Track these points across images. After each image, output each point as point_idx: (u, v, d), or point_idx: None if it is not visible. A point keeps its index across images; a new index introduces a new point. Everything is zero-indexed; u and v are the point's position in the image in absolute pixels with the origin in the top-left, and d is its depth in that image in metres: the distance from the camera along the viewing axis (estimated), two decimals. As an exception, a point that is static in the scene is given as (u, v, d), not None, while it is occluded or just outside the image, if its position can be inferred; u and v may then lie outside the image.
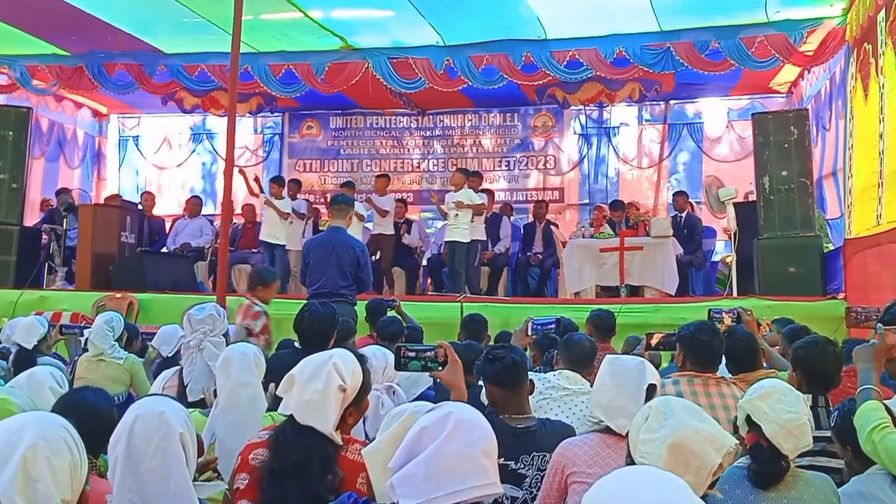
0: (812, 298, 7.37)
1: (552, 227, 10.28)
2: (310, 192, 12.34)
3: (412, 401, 2.92)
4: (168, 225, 11.07)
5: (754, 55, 8.68)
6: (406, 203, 10.70)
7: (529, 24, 8.86)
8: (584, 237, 9.15)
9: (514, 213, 11.21)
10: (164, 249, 10.44)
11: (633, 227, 9.25)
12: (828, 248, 8.19)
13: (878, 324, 3.01)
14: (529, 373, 2.98)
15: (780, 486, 2.39)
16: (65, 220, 9.55)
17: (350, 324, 5.28)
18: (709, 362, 3.41)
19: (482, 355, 2.98)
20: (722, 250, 10.58)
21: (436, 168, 12.64)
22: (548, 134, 12.42)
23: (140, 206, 10.59)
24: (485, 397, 2.95)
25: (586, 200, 12.20)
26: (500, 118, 12.54)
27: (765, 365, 3.84)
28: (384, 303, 6.22)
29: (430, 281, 10.09)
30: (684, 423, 1.85)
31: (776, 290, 7.59)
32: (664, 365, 4.93)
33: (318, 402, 2.19)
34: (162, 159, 13.49)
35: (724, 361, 3.62)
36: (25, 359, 4.66)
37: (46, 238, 9.84)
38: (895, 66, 6.25)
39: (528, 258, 9.92)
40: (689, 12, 8.52)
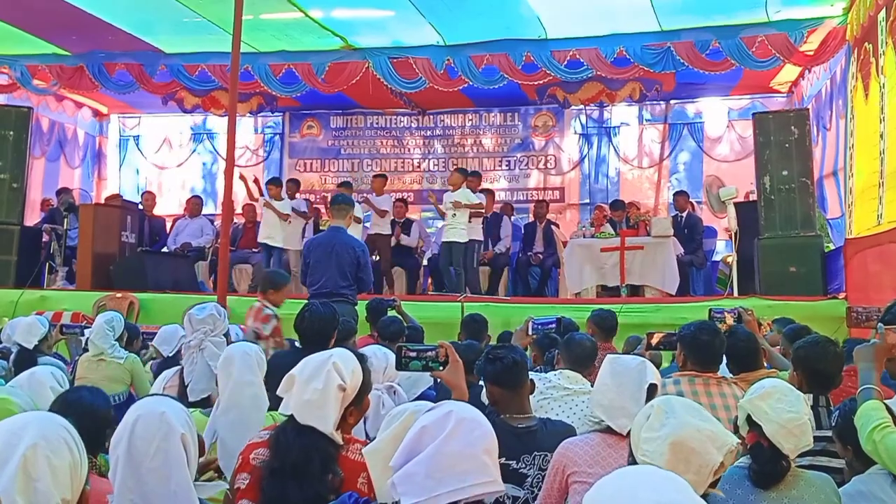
0: (813, 298, 7.37)
1: (553, 227, 10.28)
2: (310, 191, 12.35)
3: (413, 400, 2.92)
4: (169, 225, 11.08)
5: (755, 55, 8.67)
6: (406, 203, 10.69)
7: (530, 23, 8.86)
8: (584, 237, 9.15)
9: (515, 212, 11.21)
10: (165, 249, 10.44)
11: (633, 226, 9.24)
12: (828, 248, 8.19)
13: (879, 323, 3.01)
14: (530, 372, 2.99)
15: (781, 485, 2.39)
16: (65, 220, 9.55)
17: (351, 323, 5.29)
18: (709, 362, 3.41)
19: (483, 355, 2.98)
20: (723, 250, 10.58)
21: (436, 168, 12.64)
22: (548, 134, 12.42)
23: (141, 206, 10.60)
24: (485, 397, 2.95)
25: (587, 200, 12.20)
26: (500, 118, 12.53)
27: (766, 365, 3.84)
28: (385, 302, 6.22)
29: (430, 281, 10.08)
30: (686, 422, 1.85)
31: (777, 289, 7.60)
32: (665, 365, 4.93)
33: (317, 402, 2.19)
34: (162, 159, 13.49)
35: (724, 361, 3.62)
36: (26, 358, 4.67)
37: (47, 238, 9.85)
38: (895, 66, 6.25)
39: (528, 258, 9.92)
40: (689, 12, 8.51)
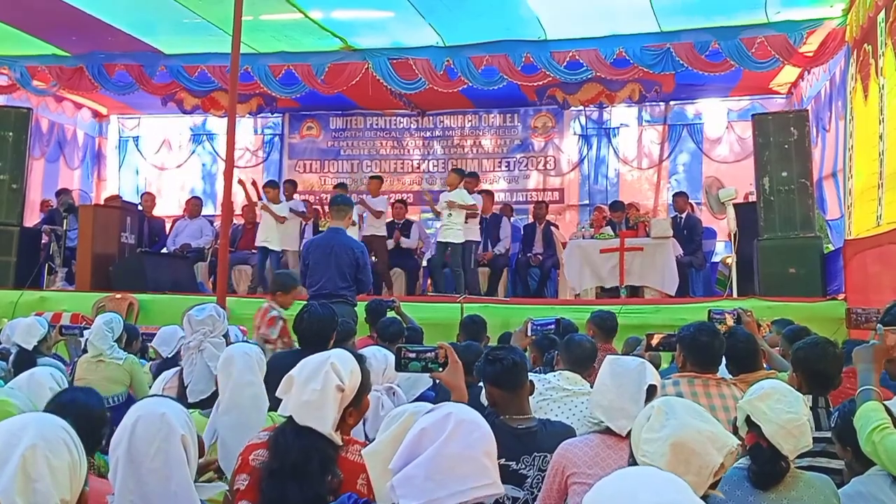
0: (812, 299, 7.37)
1: (552, 228, 10.28)
2: (310, 192, 12.35)
3: (412, 401, 2.92)
4: (168, 226, 11.08)
5: (754, 56, 8.68)
6: (406, 204, 10.68)
7: (529, 24, 8.86)
8: (584, 238, 9.16)
9: (514, 213, 11.20)
10: (164, 250, 10.44)
11: (633, 227, 9.24)
12: (828, 249, 8.18)
13: (878, 325, 3.01)
14: (529, 374, 2.98)
15: (781, 486, 2.39)
16: (65, 221, 9.55)
17: (350, 324, 5.28)
18: (709, 363, 3.41)
19: (482, 356, 2.98)
20: (722, 251, 10.58)
21: (436, 169, 12.63)
22: (548, 135, 12.42)
23: (140, 207, 10.60)
24: (485, 398, 2.95)
25: (586, 201, 12.20)
26: (499, 119, 12.53)
27: (765, 366, 3.84)
28: (384, 303, 6.22)
29: (429, 282, 10.08)
30: (686, 423, 1.85)
31: (776, 290, 7.59)
32: (664, 366, 4.94)
33: (316, 403, 2.18)
34: (162, 160, 13.48)
35: (724, 362, 3.62)
36: (25, 359, 4.66)
37: (46, 239, 9.84)
38: (895, 67, 6.25)
39: (528, 259, 9.92)
40: (689, 13, 8.52)
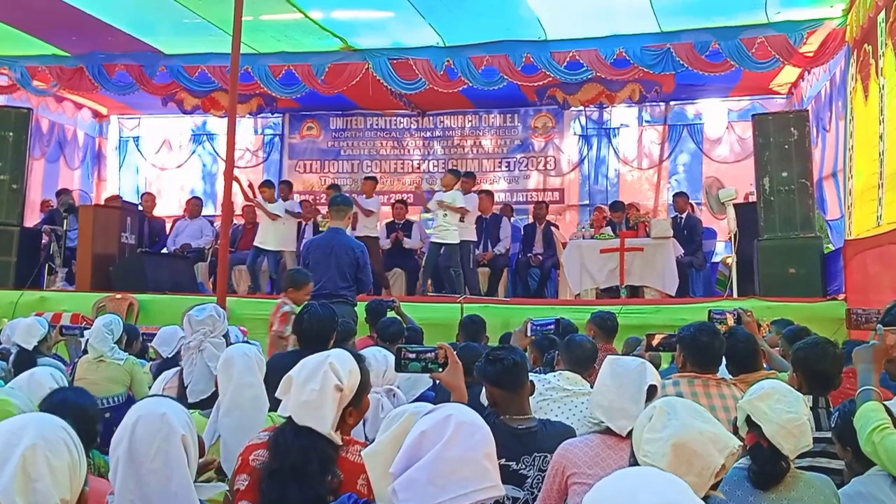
0: (812, 299, 7.37)
1: (552, 228, 10.28)
2: (310, 192, 12.35)
3: (412, 402, 2.92)
4: (168, 226, 11.08)
5: (754, 56, 8.67)
6: (406, 204, 10.67)
7: (530, 24, 8.86)
8: (584, 238, 9.16)
9: (515, 213, 11.20)
10: (165, 250, 10.44)
11: (633, 227, 9.24)
12: (828, 249, 8.18)
13: (879, 325, 3.01)
14: (529, 374, 2.98)
15: (781, 487, 2.39)
16: (65, 221, 9.55)
17: (350, 325, 5.29)
18: (709, 363, 3.41)
19: (483, 356, 2.98)
20: (722, 251, 10.57)
21: (436, 169, 12.61)
22: (548, 135, 12.42)
23: (140, 207, 10.60)
24: (485, 398, 2.95)
25: (586, 201, 12.20)
26: (500, 119, 12.53)
27: (765, 366, 3.84)
28: (384, 304, 6.22)
29: (429, 282, 10.07)
30: (688, 424, 1.85)
31: (776, 291, 7.59)
32: (664, 366, 4.94)
33: (315, 403, 2.18)
34: (162, 160, 13.48)
35: (724, 362, 3.62)
36: (26, 360, 4.66)
37: (47, 239, 9.85)
38: (895, 68, 6.25)
39: (528, 259, 9.92)
40: (689, 13, 8.51)
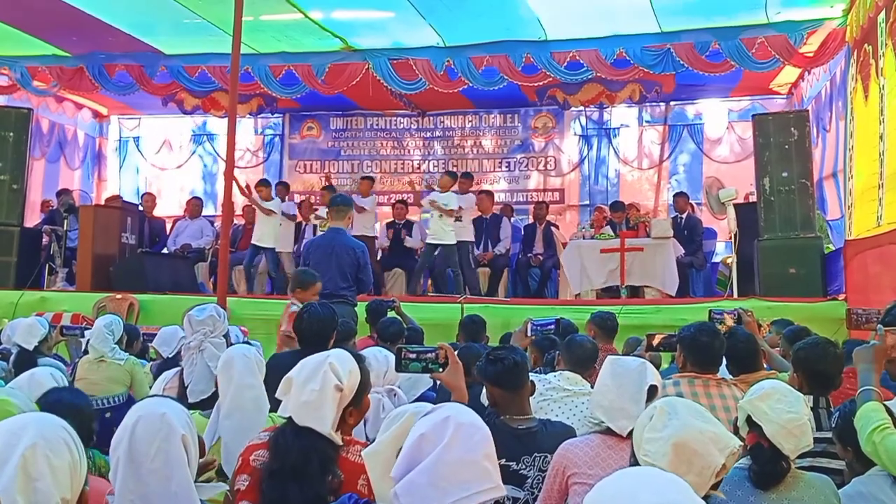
0: (812, 300, 7.37)
1: (552, 229, 10.28)
2: (310, 193, 12.35)
3: (413, 402, 2.92)
4: (168, 226, 11.09)
5: (754, 56, 8.67)
6: (406, 204, 10.67)
7: (530, 25, 8.86)
8: (584, 238, 9.16)
9: (515, 214, 11.21)
10: (165, 250, 10.45)
11: (633, 228, 9.24)
12: (828, 250, 8.18)
13: (879, 325, 3.01)
14: (530, 374, 2.98)
15: (781, 487, 2.39)
16: (65, 221, 9.55)
17: (350, 325, 5.29)
18: (709, 363, 3.41)
19: (483, 356, 2.98)
20: (722, 251, 10.57)
21: (436, 169, 12.57)
22: (548, 135, 12.42)
23: (141, 208, 10.61)
24: (485, 398, 2.95)
25: (587, 201, 12.19)
26: (500, 119, 12.53)
27: (765, 366, 3.84)
28: (384, 304, 6.22)
29: (430, 282, 10.08)
30: (688, 423, 1.85)
31: (776, 291, 7.59)
32: (664, 366, 4.94)
33: (315, 403, 2.18)
34: (162, 160, 13.48)
35: (724, 363, 3.62)
36: (26, 360, 4.66)
37: (47, 239, 9.84)
38: (895, 68, 6.25)
39: (528, 259, 9.92)
40: (689, 13, 8.51)
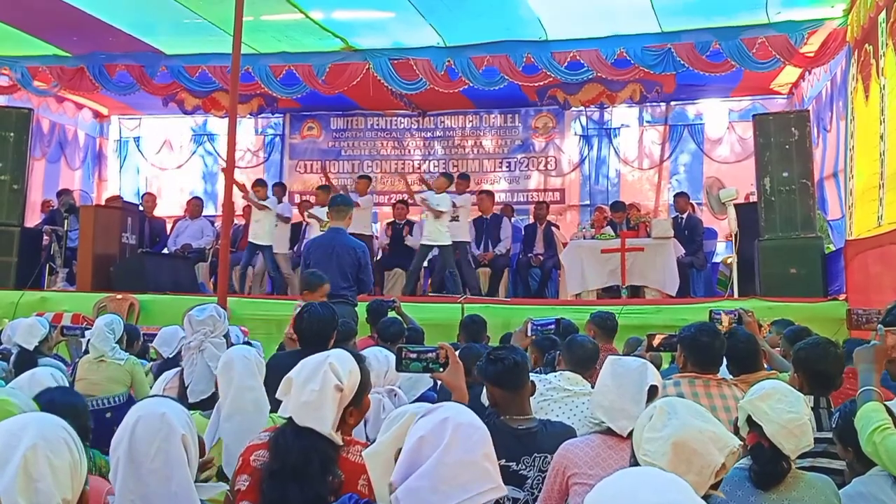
0: (813, 300, 7.36)
1: (553, 229, 10.28)
2: (311, 192, 12.34)
3: (413, 401, 2.92)
4: (169, 226, 11.09)
5: (755, 56, 8.67)
6: (407, 204, 10.67)
7: (530, 25, 8.86)
8: (585, 238, 9.16)
9: (515, 214, 11.21)
10: (165, 250, 10.45)
11: (633, 228, 9.24)
12: (829, 250, 8.18)
13: (879, 325, 3.01)
14: (530, 374, 2.98)
15: (782, 487, 2.39)
16: (66, 222, 9.55)
17: (350, 325, 5.28)
18: (710, 363, 3.41)
19: (484, 356, 2.98)
20: (723, 251, 10.57)
21: (436, 169, 12.55)
22: (548, 135, 12.41)
23: (141, 208, 10.61)
24: (485, 398, 2.95)
25: (587, 201, 12.19)
26: (500, 119, 12.53)
27: (766, 366, 3.84)
28: (385, 304, 6.22)
29: (430, 282, 10.07)
30: (688, 423, 1.85)
31: (777, 291, 7.59)
32: (665, 366, 4.94)
33: (315, 403, 2.18)
34: (163, 160, 13.47)
35: (725, 363, 3.62)
36: (26, 360, 4.66)
37: (47, 239, 9.85)
38: (896, 68, 6.25)
39: (528, 259, 9.92)
40: (689, 13, 8.51)
